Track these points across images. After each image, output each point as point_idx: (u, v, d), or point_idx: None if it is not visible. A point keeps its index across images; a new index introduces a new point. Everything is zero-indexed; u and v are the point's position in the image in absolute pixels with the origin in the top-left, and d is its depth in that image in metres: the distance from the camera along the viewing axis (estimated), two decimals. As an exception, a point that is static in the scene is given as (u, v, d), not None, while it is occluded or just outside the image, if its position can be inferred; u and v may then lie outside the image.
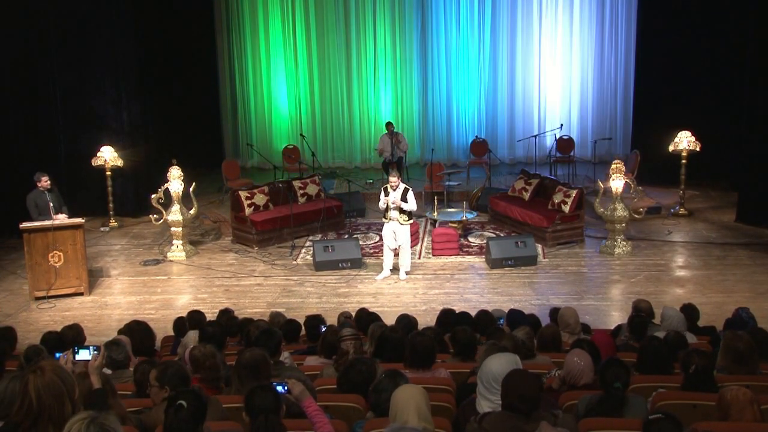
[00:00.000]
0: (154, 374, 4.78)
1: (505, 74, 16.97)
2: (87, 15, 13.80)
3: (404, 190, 10.89)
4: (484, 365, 4.43)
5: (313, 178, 13.97)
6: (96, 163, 13.61)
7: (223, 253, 12.50)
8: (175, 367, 4.82)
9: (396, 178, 10.94)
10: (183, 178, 12.17)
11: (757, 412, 4.32)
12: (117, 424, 3.17)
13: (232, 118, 17.62)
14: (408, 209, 10.89)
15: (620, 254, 11.73)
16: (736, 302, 8.85)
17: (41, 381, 3.33)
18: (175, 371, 4.76)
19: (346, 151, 17.48)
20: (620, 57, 16.64)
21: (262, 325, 6.84)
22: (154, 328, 8.04)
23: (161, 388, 4.69)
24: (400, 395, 4.00)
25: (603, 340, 6.43)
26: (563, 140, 16.14)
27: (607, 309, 10.04)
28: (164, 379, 4.70)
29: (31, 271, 10.58)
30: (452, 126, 17.26)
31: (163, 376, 4.72)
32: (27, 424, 3.31)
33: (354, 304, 9.86)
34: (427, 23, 16.88)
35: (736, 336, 5.58)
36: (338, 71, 17.14)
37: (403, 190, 10.87)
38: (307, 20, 17.00)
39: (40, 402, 3.30)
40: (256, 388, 4.20)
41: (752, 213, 12.95)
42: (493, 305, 9.24)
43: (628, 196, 12.05)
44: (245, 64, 17.35)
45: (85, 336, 7.42)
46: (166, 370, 4.76)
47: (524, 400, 3.92)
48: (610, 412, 4.59)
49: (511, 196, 13.30)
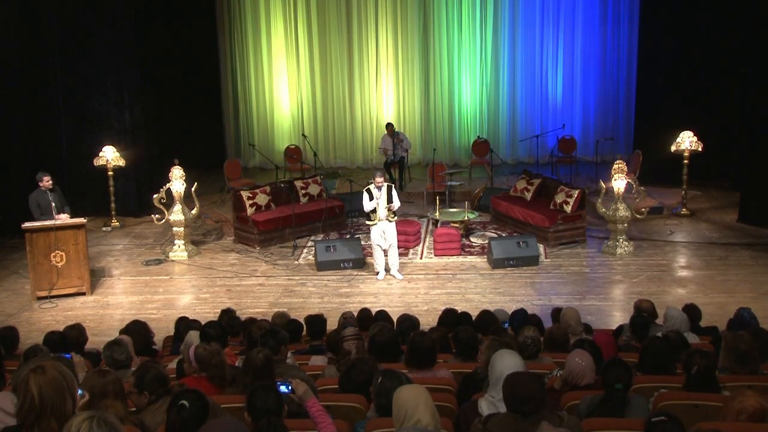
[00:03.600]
0: (132, 380, 4.76)
1: (506, 74, 16.96)
2: (89, 15, 13.81)
3: (388, 187, 10.93)
4: (493, 363, 4.43)
5: (315, 178, 13.98)
6: (98, 163, 13.62)
7: (225, 253, 12.51)
8: (153, 371, 4.79)
9: (382, 177, 10.98)
10: (185, 178, 12.18)
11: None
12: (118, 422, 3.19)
13: (233, 117, 17.62)
14: (396, 208, 11.01)
15: (622, 254, 11.72)
16: (738, 302, 8.83)
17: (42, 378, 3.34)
18: (153, 375, 4.72)
19: (347, 151, 17.48)
20: (622, 57, 16.62)
21: (264, 325, 6.83)
22: (156, 328, 8.07)
23: (140, 394, 4.68)
24: (406, 395, 3.94)
25: (605, 341, 6.42)
26: (565, 140, 16.13)
27: (608, 309, 10.03)
28: (143, 385, 4.69)
29: (33, 270, 10.59)
30: (454, 126, 17.26)
31: (141, 382, 4.70)
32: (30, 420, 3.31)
33: (356, 304, 9.86)
34: (429, 23, 16.87)
35: (737, 336, 5.57)
36: (340, 71, 17.14)
37: (387, 189, 10.90)
38: (309, 20, 17.00)
39: (42, 397, 3.30)
40: (257, 388, 4.19)
41: (754, 213, 12.93)
42: (495, 305, 9.23)
43: (630, 196, 12.03)
44: (247, 64, 17.35)
45: (87, 336, 7.42)
46: (144, 375, 4.72)
47: (526, 402, 3.91)
48: (612, 413, 4.58)
49: (513, 196, 13.30)
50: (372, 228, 11.07)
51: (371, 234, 11.14)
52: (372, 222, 11.03)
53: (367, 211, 11.06)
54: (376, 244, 11.06)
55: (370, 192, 10.93)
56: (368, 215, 11.11)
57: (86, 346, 7.35)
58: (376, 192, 10.88)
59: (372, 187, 10.94)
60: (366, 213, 11.22)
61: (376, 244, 11.09)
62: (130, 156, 13.98)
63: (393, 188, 11.07)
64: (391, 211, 10.96)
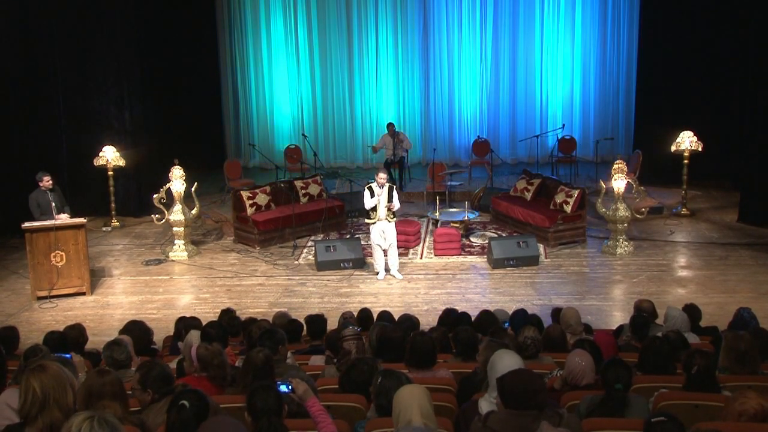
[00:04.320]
0: (137, 377, 4.75)
1: (507, 74, 16.96)
2: (89, 15, 13.81)
3: (389, 188, 10.94)
4: (493, 364, 4.43)
5: (315, 177, 13.98)
6: (98, 163, 13.62)
7: (225, 253, 12.51)
8: (158, 369, 4.78)
9: (385, 175, 11.02)
10: (185, 178, 12.18)
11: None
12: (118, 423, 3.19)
13: (234, 117, 17.62)
14: (396, 208, 11.03)
15: (622, 254, 11.72)
16: (738, 302, 8.83)
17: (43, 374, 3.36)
18: (158, 373, 4.71)
19: (347, 151, 17.48)
20: (622, 56, 16.62)
21: (264, 325, 6.84)
22: (156, 328, 8.07)
23: (144, 391, 4.68)
24: (402, 395, 3.98)
25: (605, 340, 6.42)
26: (565, 140, 16.13)
27: (609, 309, 10.03)
28: (147, 382, 4.68)
29: (33, 270, 10.59)
30: (454, 126, 17.25)
31: (146, 379, 4.68)
32: (34, 412, 3.32)
33: (356, 304, 9.87)
34: (429, 22, 16.87)
35: (737, 336, 5.57)
36: (340, 71, 17.14)
37: (388, 189, 10.91)
38: (309, 20, 17.00)
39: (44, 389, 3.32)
40: (257, 387, 4.19)
41: (754, 213, 12.94)
42: (495, 305, 9.24)
43: (630, 196, 12.04)
44: (247, 64, 17.35)
45: (87, 336, 7.42)
46: (148, 372, 4.71)
47: (525, 399, 3.90)
48: (612, 413, 4.58)
49: (513, 196, 13.30)
50: (372, 228, 11.07)
51: (371, 234, 11.14)
52: (371, 221, 11.03)
53: (368, 208, 11.06)
54: (376, 243, 11.07)
55: (372, 189, 10.94)
56: (368, 213, 11.11)
57: (86, 346, 7.35)
58: (378, 190, 10.89)
59: (374, 184, 10.95)
60: (366, 211, 11.22)
61: (375, 244, 11.09)
62: (130, 156, 13.98)
63: (394, 189, 11.06)
64: (390, 211, 10.97)
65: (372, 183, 11.02)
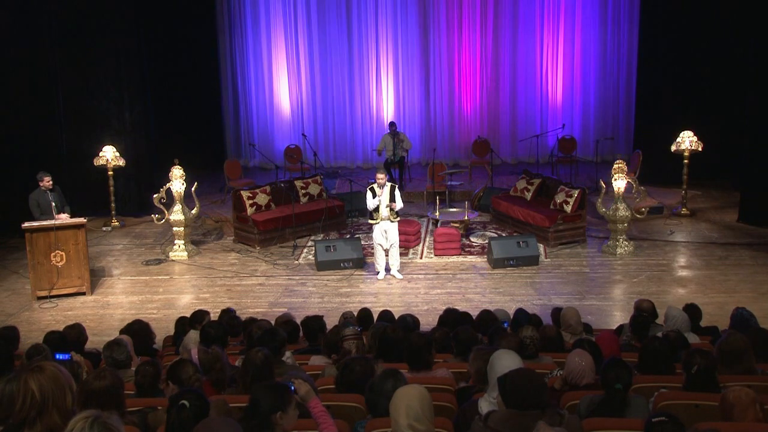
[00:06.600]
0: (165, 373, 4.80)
1: (507, 74, 16.95)
2: (89, 14, 13.82)
3: (391, 187, 10.94)
4: (493, 365, 4.42)
5: (315, 177, 13.98)
6: (98, 163, 13.62)
7: (225, 253, 12.51)
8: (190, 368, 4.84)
9: (383, 175, 11.00)
10: (185, 178, 12.18)
11: (760, 412, 4.32)
12: (119, 423, 3.18)
13: (234, 117, 17.61)
14: (398, 208, 11.02)
15: (622, 254, 11.72)
16: (738, 302, 8.83)
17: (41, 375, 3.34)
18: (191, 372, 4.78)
19: (347, 151, 17.47)
20: (622, 56, 16.61)
21: (264, 325, 6.84)
22: (156, 328, 8.07)
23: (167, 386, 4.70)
24: (395, 396, 3.96)
25: (609, 340, 6.40)
26: (565, 140, 16.13)
27: (609, 309, 10.03)
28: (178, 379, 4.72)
29: (34, 270, 10.60)
30: (454, 126, 17.24)
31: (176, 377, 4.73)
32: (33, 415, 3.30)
33: (356, 304, 9.87)
34: (429, 22, 16.86)
35: (730, 336, 5.59)
36: (340, 71, 17.13)
37: (390, 188, 10.91)
38: (308, 20, 16.99)
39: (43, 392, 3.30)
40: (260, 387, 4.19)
41: (754, 213, 12.93)
42: (495, 305, 9.23)
43: (630, 196, 12.03)
44: (247, 64, 17.34)
45: (87, 336, 7.43)
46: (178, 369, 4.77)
47: (527, 398, 3.89)
48: (612, 413, 4.58)
49: (513, 196, 13.30)
50: (374, 227, 11.07)
51: (373, 233, 11.14)
52: (374, 221, 11.03)
53: (371, 208, 11.07)
54: (378, 243, 11.07)
55: (374, 190, 10.95)
56: (371, 214, 11.12)
57: (86, 346, 7.36)
58: (379, 190, 10.90)
59: (375, 185, 10.95)
60: (369, 212, 11.22)
61: (377, 244, 11.09)
62: (130, 156, 13.98)
63: (396, 189, 11.06)
64: (393, 211, 10.97)
65: (373, 183, 11.03)
